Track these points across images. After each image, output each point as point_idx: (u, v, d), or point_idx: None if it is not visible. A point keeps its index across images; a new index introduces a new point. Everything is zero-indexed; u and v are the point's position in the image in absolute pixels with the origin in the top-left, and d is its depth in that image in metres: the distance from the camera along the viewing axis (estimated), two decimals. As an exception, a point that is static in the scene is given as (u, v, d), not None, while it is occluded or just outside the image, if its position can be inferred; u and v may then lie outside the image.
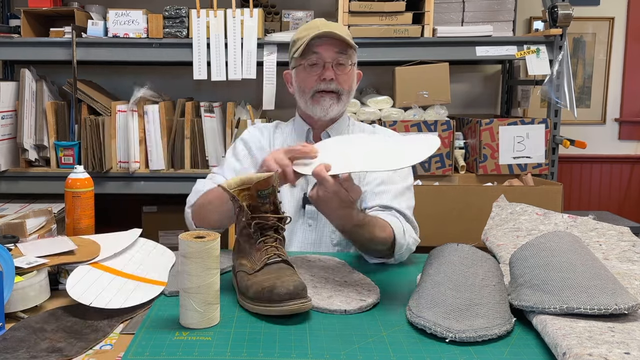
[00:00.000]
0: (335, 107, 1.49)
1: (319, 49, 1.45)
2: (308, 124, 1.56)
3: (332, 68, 1.46)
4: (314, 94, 1.48)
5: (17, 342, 0.92)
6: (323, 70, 1.46)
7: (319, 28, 1.44)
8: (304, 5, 2.94)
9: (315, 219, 1.51)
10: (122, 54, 2.49)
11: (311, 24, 1.49)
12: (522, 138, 2.54)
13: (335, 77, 1.46)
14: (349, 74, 1.49)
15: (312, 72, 1.47)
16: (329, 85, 1.46)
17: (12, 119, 2.49)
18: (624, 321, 0.91)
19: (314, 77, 1.47)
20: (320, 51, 1.45)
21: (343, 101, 1.50)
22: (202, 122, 2.53)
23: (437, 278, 1.02)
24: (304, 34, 1.46)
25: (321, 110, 1.48)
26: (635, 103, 3.25)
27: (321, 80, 1.46)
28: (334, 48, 1.46)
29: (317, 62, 1.46)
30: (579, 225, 1.41)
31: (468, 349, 0.91)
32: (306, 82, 1.48)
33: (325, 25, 1.46)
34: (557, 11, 2.43)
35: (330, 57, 1.46)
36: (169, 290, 1.14)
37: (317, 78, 1.46)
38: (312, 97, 1.48)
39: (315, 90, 1.47)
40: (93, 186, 1.45)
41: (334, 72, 1.46)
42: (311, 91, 1.47)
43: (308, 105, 1.50)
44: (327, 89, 1.46)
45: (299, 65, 1.49)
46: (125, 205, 2.90)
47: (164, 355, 0.88)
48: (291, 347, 0.92)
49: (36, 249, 1.18)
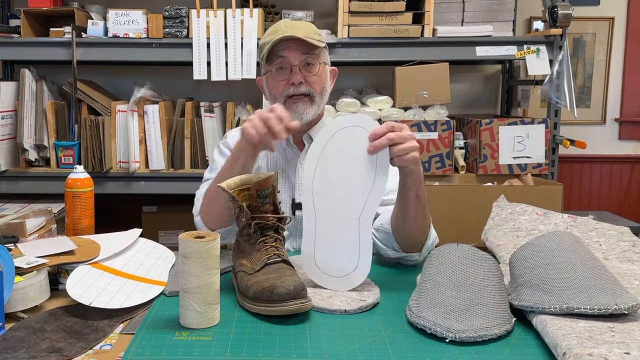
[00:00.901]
0: (310, 110, 1.43)
1: (284, 53, 1.40)
2: None
3: (299, 71, 1.41)
4: (286, 99, 1.43)
5: (17, 342, 0.92)
6: (291, 75, 1.41)
7: (283, 31, 1.39)
8: (304, 5, 2.94)
9: None
10: (122, 54, 2.49)
11: (275, 27, 1.44)
12: (522, 138, 2.54)
13: (305, 80, 1.41)
14: (319, 74, 1.44)
15: (279, 77, 1.42)
16: (298, 88, 1.41)
17: (12, 119, 2.49)
18: (624, 321, 0.91)
19: (282, 82, 1.42)
20: (285, 54, 1.40)
21: (317, 103, 1.44)
22: (202, 122, 2.53)
23: (437, 278, 1.02)
24: (269, 39, 1.41)
25: (295, 116, 1.42)
26: (635, 103, 3.25)
27: (290, 84, 1.41)
28: (299, 49, 1.40)
29: (283, 66, 1.41)
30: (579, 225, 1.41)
31: (468, 349, 0.91)
32: (276, 88, 1.44)
33: (289, 28, 1.41)
34: (557, 11, 2.43)
35: (296, 59, 1.40)
36: (169, 290, 1.14)
37: (286, 83, 1.42)
38: (285, 103, 1.42)
39: (286, 95, 1.42)
40: (93, 186, 1.46)
41: (302, 74, 1.40)
42: (282, 97, 1.43)
43: None
44: (297, 92, 1.41)
45: (267, 71, 1.45)
46: (125, 205, 2.90)
47: (164, 355, 0.88)
48: (291, 347, 0.92)
49: (36, 249, 1.18)
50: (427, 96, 2.55)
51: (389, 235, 1.32)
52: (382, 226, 1.35)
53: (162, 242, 1.38)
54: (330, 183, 1.17)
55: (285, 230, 1.17)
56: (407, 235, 1.31)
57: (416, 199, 1.24)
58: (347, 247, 1.15)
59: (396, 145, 1.14)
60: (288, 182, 1.52)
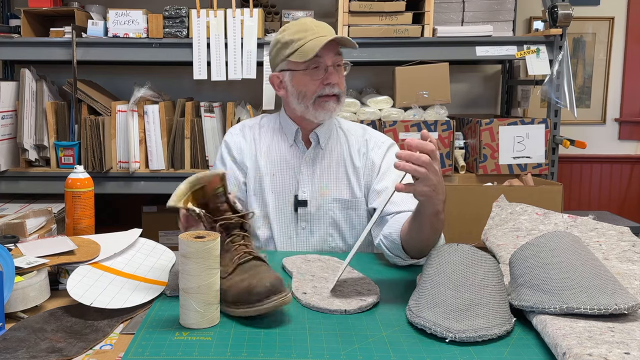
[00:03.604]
0: (337, 109, 1.48)
1: (321, 52, 1.42)
2: (297, 124, 1.54)
3: (335, 71, 1.44)
4: (316, 98, 1.45)
5: (17, 342, 0.92)
6: (327, 75, 1.44)
7: (315, 31, 1.42)
8: (304, 5, 2.94)
9: (307, 221, 1.51)
10: (122, 54, 2.49)
11: (303, 25, 1.45)
12: (522, 138, 2.54)
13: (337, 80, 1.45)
14: (344, 76, 1.50)
15: (314, 77, 1.44)
16: (332, 89, 1.44)
17: (12, 119, 2.49)
18: (624, 321, 0.91)
19: (316, 81, 1.44)
20: (322, 54, 1.42)
21: (342, 103, 1.49)
22: (202, 122, 2.53)
23: (437, 278, 1.02)
24: (298, 37, 1.43)
25: (325, 115, 1.46)
26: (635, 103, 3.25)
27: (325, 84, 1.44)
28: (333, 51, 1.44)
29: (318, 66, 1.44)
30: (579, 225, 1.41)
31: (468, 349, 0.91)
32: (308, 86, 1.45)
33: (320, 28, 1.44)
34: (557, 11, 2.43)
35: (330, 60, 1.44)
36: (169, 290, 1.14)
37: (320, 82, 1.44)
38: (315, 102, 1.45)
39: (317, 95, 1.45)
40: (93, 186, 1.45)
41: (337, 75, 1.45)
42: (313, 96, 1.45)
43: (309, 110, 1.47)
44: (331, 92, 1.45)
45: (296, 68, 1.46)
46: (125, 205, 2.90)
47: (164, 355, 0.88)
48: (291, 347, 0.92)
49: (36, 249, 1.18)
50: (427, 96, 2.55)
51: (397, 245, 1.31)
52: (390, 235, 1.34)
53: (162, 242, 1.38)
54: None
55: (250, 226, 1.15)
56: (418, 248, 1.29)
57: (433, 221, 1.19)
58: None
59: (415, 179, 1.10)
60: (293, 179, 1.52)
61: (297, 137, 1.54)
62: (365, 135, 1.59)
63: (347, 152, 1.56)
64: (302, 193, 1.51)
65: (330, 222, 1.52)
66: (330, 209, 1.51)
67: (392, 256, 1.35)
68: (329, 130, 1.56)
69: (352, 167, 1.54)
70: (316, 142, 1.54)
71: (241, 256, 1.09)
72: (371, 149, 1.56)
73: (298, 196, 1.51)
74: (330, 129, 1.57)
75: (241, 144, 1.57)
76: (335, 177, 1.53)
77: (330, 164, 1.54)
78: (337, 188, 1.53)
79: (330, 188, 1.52)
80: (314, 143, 1.54)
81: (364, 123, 2.43)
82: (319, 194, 1.51)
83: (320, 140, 1.53)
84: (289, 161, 1.53)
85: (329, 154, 1.54)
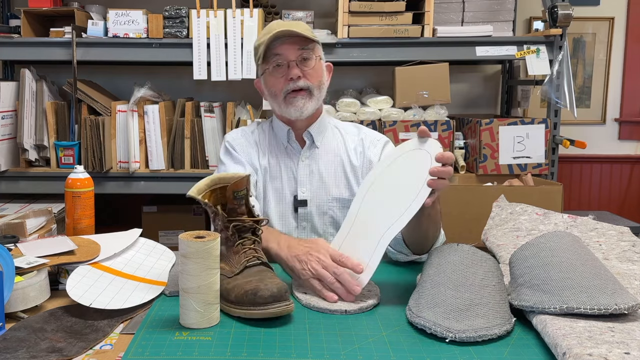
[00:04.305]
0: (309, 105, 1.45)
1: (280, 50, 1.42)
2: (287, 125, 1.54)
3: (297, 66, 1.43)
4: (285, 95, 1.44)
5: (17, 342, 0.92)
6: (288, 70, 1.43)
7: (276, 29, 1.42)
8: (304, 5, 2.94)
9: (308, 220, 1.52)
10: (122, 54, 2.49)
11: (269, 28, 1.46)
12: (522, 138, 2.54)
13: (303, 74, 1.43)
14: (316, 68, 1.46)
15: (278, 75, 1.44)
16: (297, 83, 1.43)
17: (12, 119, 2.49)
18: (624, 321, 0.91)
19: (280, 79, 1.44)
20: (281, 52, 1.43)
21: (315, 97, 1.46)
22: (202, 122, 2.53)
23: (437, 278, 1.02)
24: (263, 39, 1.43)
25: (295, 111, 1.45)
26: (635, 103, 3.25)
27: (288, 80, 1.43)
28: (295, 46, 1.43)
29: (280, 63, 1.44)
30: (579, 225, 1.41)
31: (468, 349, 0.91)
32: (275, 85, 1.45)
33: (282, 26, 1.43)
34: (557, 11, 2.43)
35: (293, 55, 1.43)
36: (169, 290, 1.14)
37: (285, 79, 1.44)
38: (285, 99, 1.45)
39: (285, 91, 1.44)
40: (93, 186, 1.45)
41: (299, 69, 1.43)
42: (282, 93, 1.45)
43: (282, 108, 1.46)
44: (296, 87, 1.43)
45: (265, 71, 1.47)
46: (125, 205, 2.90)
47: (164, 355, 0.88)
48: (291, 347, 0.92)
49: (36, 249, 1.18)
50: (427, 96, 2.55)
51: (399, 240, 1.33)
52: None
53: (162, 242, 1.38)
54: (377, 197, 1.19)
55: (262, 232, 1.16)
56: (419, 241, 1.31)
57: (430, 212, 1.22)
58: (361, 256, 1.15)
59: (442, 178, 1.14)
60: (291, 179, 1.53)
61: (289, 137, 1.54)
62: (360, 134, 1.59)
63: (344, 151, 1.56)
64: (302, 193, 1.51)
65: (331, 221, 1.52)
66: (330, 208, 1.52)
67: (395, 252, 1.37)
68: (324, 129, 1.56)
69: (350, 165, 1.54)
70: (311, 141, 1.54)
71: (250, 259, 1.09)
72: (367, 147, 1.56)
73: (297, 196, 1.51)
74: (325, 127, 1.57)
75: (244, 145, 1.57)
76: (334, 176, 1.53)
77: (328, 163, 1.54)
78: (337, 187, 1.53)
79: (329, 187, 1.52)
80: (309, 142, 1.54)
81: (364, 123, 2.43)
82: (317, 193, 1.52)
83: (315, 139, 1.53)
84: (286, 162, 1.54)
85: (325, 153, 1.54)
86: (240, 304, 1.02)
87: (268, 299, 1.00)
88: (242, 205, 1.12)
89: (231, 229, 1.10)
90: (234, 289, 1.04)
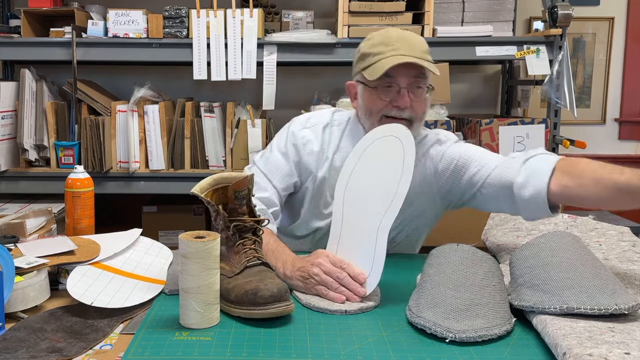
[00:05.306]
0: None
1: (394, 72, 1.26)
2: None
3: (407, 94, 1.27)
4: (382, 117, 1.30)
5: (17, 342, 0.92)
6: (398, 96, 1.27)
7: (395, 47, 1.26)
8: (304, 5, 2.94)
9: None
10: (122, 54, 2.49)
11: (385, 38, 1.29)
12: (522, 138, 2.54)
13: (410, 104, 1.28)
14: (423, 99, 1.31)
15: (383, 96, 1.29)
16: (401, 113, 1.28)
17: (12, 119, 2.49)
18: (624, 321, 0.91)
19: (384, 101, 1.29)
20: (395, 75, 1.26)
21: (414, 128, 1.30)
22: (202, 122, 2.53)
23: (437, 278, 1.02)
24: (377, 50, 1.27)
25: None
26: (635, 103, 3.25)
27: (393, 106, 1.28)
28: (411, 71, 1.27)
29: (391, 85, 1.29)
30: (579, 225, 1.41)
31: (468, 349, 0.91)
32: (375, 104, 1.30)
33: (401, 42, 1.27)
34: (557, 11, 2.43)
35: (406, 81, 1.27)
36: (168, 288, 1.14)
37: (389, 103, 1.29)
38: (380, 121, 1.29)
39: (383, 114, 1.29)
40: (93, 186, 1.45)
41: (409, 99, 1.28)
42: (379, 115, 1.30)
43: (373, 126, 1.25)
44: (399, 116, 1.28)
45: (368, 84, 1.31)
46: (125, 205, 2.90)
47: (164, 355, 0.88)
48: (291, 347, 0.92)
49: (36, 249, 1.18)
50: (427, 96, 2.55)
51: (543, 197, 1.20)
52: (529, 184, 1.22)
53: (162, 242, 1.37)
54: (358, 192, 1.17)
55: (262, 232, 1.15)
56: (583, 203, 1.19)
57: None
58: (363, 256, 1.14)
59: None
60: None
61: None
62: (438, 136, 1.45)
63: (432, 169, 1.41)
64: None
65: None
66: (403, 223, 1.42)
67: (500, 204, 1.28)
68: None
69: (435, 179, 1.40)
70: None
71: (250, 259, 1.09)
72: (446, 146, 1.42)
73: None
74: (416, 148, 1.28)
75: (312, 145, 1.42)
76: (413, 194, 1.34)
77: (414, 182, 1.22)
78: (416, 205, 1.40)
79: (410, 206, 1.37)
80: None
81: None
82: None
83: None
84: None
85: None
86: (240, 304, 1.02)
87: (268, 299, 0.99)
88: (243, 205, 1.12)
89: (232, 228, 1.10)
90: (234, 289, 1.04)
